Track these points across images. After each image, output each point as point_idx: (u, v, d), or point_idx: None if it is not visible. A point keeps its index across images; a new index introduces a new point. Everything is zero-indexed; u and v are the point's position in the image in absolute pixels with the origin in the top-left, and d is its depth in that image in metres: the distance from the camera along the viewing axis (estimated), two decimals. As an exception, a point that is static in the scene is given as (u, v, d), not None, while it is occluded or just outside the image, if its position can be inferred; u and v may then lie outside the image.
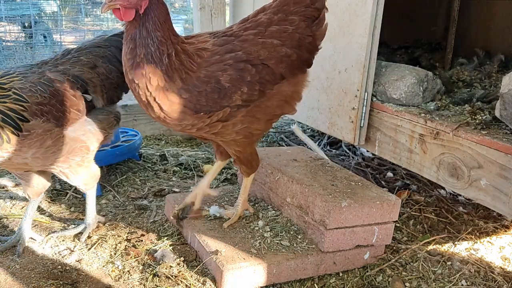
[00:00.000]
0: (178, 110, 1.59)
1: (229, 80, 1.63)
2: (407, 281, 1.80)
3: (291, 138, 3.43)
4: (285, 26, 1.76)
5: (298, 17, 1.78)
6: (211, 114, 1.63)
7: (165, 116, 1.60)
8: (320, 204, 1.78)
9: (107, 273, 1.74)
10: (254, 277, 1.68)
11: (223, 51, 1.66)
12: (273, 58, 1.72)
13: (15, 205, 2.21)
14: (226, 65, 1.63)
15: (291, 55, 1.75)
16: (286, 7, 1.79)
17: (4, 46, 4.91)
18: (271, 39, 1.73)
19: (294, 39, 1.76)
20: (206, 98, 1.60)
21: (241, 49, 1.68)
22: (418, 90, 2.09)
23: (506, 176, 1.61)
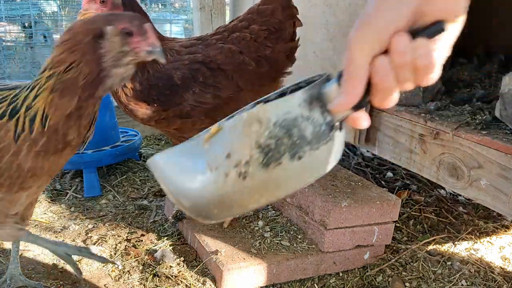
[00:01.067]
0: (133, 100, 1.69)
1: (180, 78, 1.69)
2: (407, 281, 1.80)
3: (291, 138, 3.43)
4: (244, 34, 1.81)
5: (258, 26, 1.82)
6: (165, 108, 1.70)
7: (125, 104, 1.70)
8: (320, 204, 1.78)
9: (107, 273, 1.74)
10: (254, 277, 1.68)
11: (185, 52, 1.74)
12: (230, 64, 1.76)
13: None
14: (181, 64, 1.70)
15: (248, 64, 1.77)
16: (250, 16, 1.85)
17: (4, 46, 4.91)
18: (230, 45, 1.78)
19: (251, 47, 1.78)
20: (157, 91, 1.68)
21: (201, 52, 1.74)
22: (418, 90, 2.09)
23: (506, 176, 1.61)
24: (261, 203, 0.80)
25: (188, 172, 0.80)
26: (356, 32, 0.68)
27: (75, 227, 2.02)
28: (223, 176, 0.76)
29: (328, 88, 0.75)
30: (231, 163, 0.76)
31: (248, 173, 0.76)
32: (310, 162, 0.76)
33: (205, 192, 0.79)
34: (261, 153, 0.74)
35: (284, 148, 0.74)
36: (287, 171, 0.76)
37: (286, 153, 0.74)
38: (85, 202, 2.29)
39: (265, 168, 0.75)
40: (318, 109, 0.75)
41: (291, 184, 0.79)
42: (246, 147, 0.75)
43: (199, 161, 0.78)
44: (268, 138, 0.74)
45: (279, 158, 0.74)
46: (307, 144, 0.75)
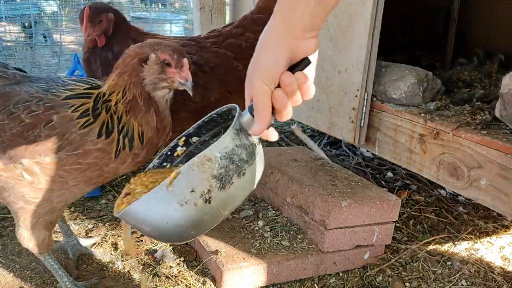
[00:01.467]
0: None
1: None
2: (407, 281, 1.80)
3: (291, 138, 3.43)
4: (240, 41, 1.88)
5: (253, 34, 1.89)
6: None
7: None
8: (320, 204, 1.78)
9: (107, 273, 1.74)
10: (254, 277, 1.68)
11: None
12: (224, 68, 1.82)
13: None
14: None
15: (241, 70, 1.81)
16: (245, 23, 1.92)
17: (4, 46, 4.91)
18: (225, 50, 1.85)
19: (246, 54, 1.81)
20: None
21: (195, 53, 1.79)
22: (418, 90, 2.09)
23: (506, 176, 1.61)
24: (225, 215, 1.05)
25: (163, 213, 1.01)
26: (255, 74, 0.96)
27: (75, 227, 2.02)
28: (193, 206, 1.00)
29: (245, 119, 1.02)
30: (196, 195, 1.00)
31: (212, 198, 1.00)
32: (251, 174, 1.05)
33: (182, 222, 1.02)
34: (217, 181, 1.00)
35: (232, 172, 1.01)
36: (238, 186, 1.03)
37: (234, 175, 1.01)
38: (85, 202, 2.29)
39: (223, 190, 1.01)
40: (244, 136, 1.03)
41: (242, 195, 1.07)
42: (205, 180, 1.00)
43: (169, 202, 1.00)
44: (219, 168, 1.00)
45: (230, 180, 1.01)
46: (245, 163, 1.02)
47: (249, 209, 2.06)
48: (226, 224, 1.93)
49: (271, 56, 0.95)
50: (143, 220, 1.05)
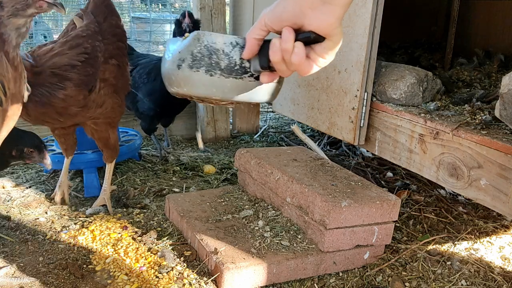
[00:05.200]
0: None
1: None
2: (407, 281, 1.80)
3: (291, 138, 3.43)
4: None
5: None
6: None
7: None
8: (320, 204, 1.78)
9: (107, 273, 1.74)
10: (254, 277, 1.68)
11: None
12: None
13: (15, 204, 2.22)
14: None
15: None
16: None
17: (4, 46, 4.90)
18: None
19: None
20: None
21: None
22: (418, 90, 2.09)
23: (506, 176, 1.62)
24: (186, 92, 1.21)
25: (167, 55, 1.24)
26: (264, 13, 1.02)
27: (75, 227, 2.03)
28: (171, 62, 1.20)
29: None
30: (178, 56, 1.17)
31: (181, 67, 1.17)
32: (219, 82, 1.15)
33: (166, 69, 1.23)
34: (191, 58, 1.15)
35: (203, 63, 1.14)
36: (201, 79, 1.16)
37: (203, 67, 1.14)
38: (85, 202, 2.29)
39: (190, 69, 1.15)
40: (237, 53, 1.13)
41: (202, 88, 1.18)
42: (187, 50, 1.16)
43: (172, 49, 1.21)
44: (197, 51, 1.14)
45: (198, 68, 1.14)
46: (219, 69, 1.14)
47: (249, 209, 2.06)
48: (226, 224, 1.93)
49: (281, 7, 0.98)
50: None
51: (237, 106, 3.55)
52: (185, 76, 1.17)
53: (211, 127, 3.39)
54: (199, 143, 1.49)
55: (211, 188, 2.48)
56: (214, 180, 2.62)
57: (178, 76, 1.18)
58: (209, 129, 3.39)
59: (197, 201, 2.13)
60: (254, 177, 2.18)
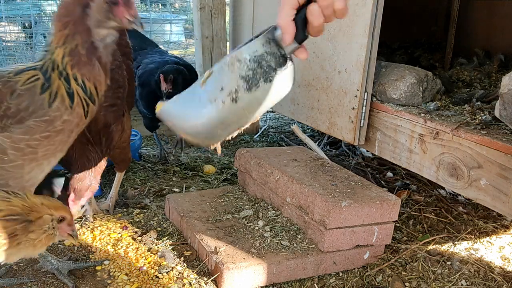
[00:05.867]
0: None
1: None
2: (407, 281, 1.80)
3: (291, 138, 3.43)
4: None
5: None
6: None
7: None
8: (320, 204, 1.78)
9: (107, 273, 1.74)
10: (254, 277, 1.68)
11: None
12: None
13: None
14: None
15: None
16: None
17: (5, 46, 4.91)
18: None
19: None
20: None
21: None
22: (418, 90, 2.09)
23: (506, 176, 1.61)
24: (250, 118, 1.14)
25: (194, 109, 1.11)
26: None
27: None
28: (221, 103, 1.08)
29: (278, 32, 1.09)
30: (225, 93, 1.07)
31: (238, 98, 1.08)
32: (278, 83, 1.10)
33: (211, 118, 1.10)
34: (244, 82, 1.07)
35: (259, 76, 1.08)
36: (264, 91, 1.09)
37: (261, 79, 1.08)
38: (85, 202, 2.29)
39: (249, 92, 1.07)
40: (275, 46, 1.09)
41: (268, 101, 1.12)
42: (234, 80, 1.07)
43: (200, 99, 1.10)
44: (247, 70, 1.07)
45: (257, 83, 1.07)
46: (273, 70, 1.09)
47: (249, 209, 2.06)
48: (226, 224, 1.93)
49: None
50: (178, 116, 1.14)
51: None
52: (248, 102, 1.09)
53: (211, 127, 3.39)
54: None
55: (211, 188, 2.48)
56: (214, 180, 2.62)
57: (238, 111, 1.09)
58: (209, 129, 3.38)
59: (197, 201, 2.13)
60: (254, 177, 2.18)
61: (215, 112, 1.10)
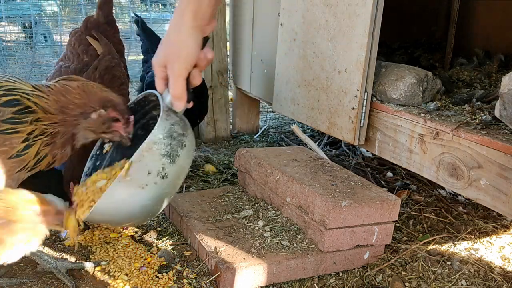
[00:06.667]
0: None
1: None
2: (407, 281, 1.80)
3: (291, 138, 3.43)
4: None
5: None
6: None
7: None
8: (320, 204, 1.78)
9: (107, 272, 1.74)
10: (254, 277, 1.68)
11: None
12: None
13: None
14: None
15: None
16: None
17: (5, 46, 4.91)
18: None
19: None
20: None
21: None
22: (418, 90, 2.09)
23: (506, 176, 1.61)
24: (180, 183, 1.29)
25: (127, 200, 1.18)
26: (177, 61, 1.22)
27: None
28: (153, 185, 1.18)
29: (169, 99, 1.24)
30: (153, 175, 1.17)
31: (167, 173, 1.19)
32: (190, 143, 1.25)
33: (148, 202, 1.19)
34: (167, 158, 1.18)
35: (176, 146, 1.19)
36: (184, 156, 1.22)
37: (179, 148, 1.20)
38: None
39: (174, 164, 1.19)
40: (174, 114, 1.22)
41: (188, 162, 1.27)
42: (157, 161, 1.17)
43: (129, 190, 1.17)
44: (165, 147, 1.18)
45: (177, 153, 1.19)
46: (183, 135, 1.21)
47: (249, 209, 2.06)
48: (226, 224, 1.93)
49: (191, 47, 1.21)
50: (112, 213, 1.20)
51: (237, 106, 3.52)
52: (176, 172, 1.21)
53: (211, 127, 3.39)
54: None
55: (211, 188, 2.48)
56: (214, 180, 2.62)
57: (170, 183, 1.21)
58: (209, 129, 3.38)
59: (197, 201, 2.13)
60: (254, 177, 2.18)
61: (151, 194, 1.19)
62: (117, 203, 1.18)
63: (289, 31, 2.51)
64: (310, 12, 2.34)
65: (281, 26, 2.57)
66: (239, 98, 3.57)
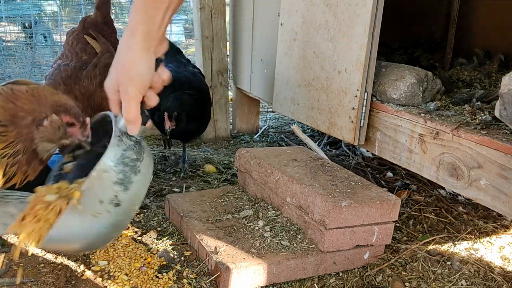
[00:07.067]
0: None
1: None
2: (407, 281, 1.80)
3: (291, 138, 3.43)
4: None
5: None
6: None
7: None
8: (320, 204, 1.78)
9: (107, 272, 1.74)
10: (254, 277, 1.68)
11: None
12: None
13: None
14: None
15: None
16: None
17: (5, 46, 4.91)
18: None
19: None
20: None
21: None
22: (418, 90, 2.09)
23: (506, 176, 1.61)
24: (136, 209, 1.24)
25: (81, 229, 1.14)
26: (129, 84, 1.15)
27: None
28: (106, 213, 1.13)
29: (122, 123, 1.18)
30: (106, 204, 1.12)
31: (120, 200, 1.14)
32: (145, 167, 1.19)
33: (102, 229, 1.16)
34: (119, 185, 1.13)
35: (129, 173, 1.14)
36: (138, 182, 1.17)
37: (132, 174, 1.15)
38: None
39: (127, 190, 1.14)
40: (127, 139, 1.18)
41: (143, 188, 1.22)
42: (109, 189, 1.12)
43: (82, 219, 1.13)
44: (117, 175, 1.13)
45: (130, 180, 1.14)
46: (137, 160, 1.17)
47: (249, 209, 2.06)
48: (226, 224, 1.93)
49: (144, 69, 1.15)
50: (66, 241, 1.17)
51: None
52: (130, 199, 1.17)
53: (211, 127, 3.39)
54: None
55: (211, 188, 2.48)
56: (214, 180, 2.62)
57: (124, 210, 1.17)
58: (209, 129, 3.38)
59: (197, 201, 2.13)
60: (254, 177, 2.18)
61: (104, 222, 1.15)
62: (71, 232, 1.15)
63: (289, 31, 2.51)
64: (310, 12, 2.34)
65: (281, 26, 2.58)
66: (239, 98, 3.57)
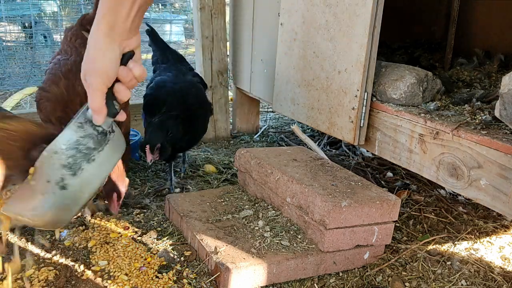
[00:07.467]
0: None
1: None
2: (407, 281, 1.80)
3: (291, 138, 3.43)
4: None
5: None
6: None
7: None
8: (320, 204, 1.78)
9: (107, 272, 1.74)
10: (254, 277, 1.68)
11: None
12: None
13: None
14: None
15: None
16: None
17: (5, 46, 4.91)
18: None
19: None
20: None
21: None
22: (418, 90, 2.09)
23: (506, 176, 1.61)
24: (86, 197, 1.22)
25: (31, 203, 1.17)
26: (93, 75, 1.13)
27: (75, 227, 2.02)
28: (52, 194, 1.15)
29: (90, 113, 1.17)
30: (52, 184, 1.14)
31: (67, 184, 1.15)
32: (103, 159, 1.19)
33: (48, 208, 1.17)
34: (68, 169, 1.14)
35: (80, 160, 1.15)
36: (90, 171, 1.17)
37: (84, 162, 1.15)
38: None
39: (75, 176, 1.15)
40: (90, 127, 1.17)
41: (97, 178, 1.22)
42: (56, 170, 1.14)
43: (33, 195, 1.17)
44: (67, 158, 1.14)
45: (80, 167, 1.15)
46: (94, 150, 1.17)
47: (249, 209, 2.06)
48: (226, 224, 1.93)
49: (108, 60, 1.13)
50: (20, 212, 1.19)
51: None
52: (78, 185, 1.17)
53: (211, 127, 3.39)
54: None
55: (211, 188, 2.48)
56: (214, 180, 2.62)
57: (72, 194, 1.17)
58: (209, 129, 3.38)
59: (197, 201, 2.13)
60: (254, 177, 2.18)
61: (50, 202, 1.17)
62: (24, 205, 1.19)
63: (289, 31, 2.51)
64: (310, 12, 2.34)
65: (281, 26, 2.58)
66: (239, 98, 3.57)
